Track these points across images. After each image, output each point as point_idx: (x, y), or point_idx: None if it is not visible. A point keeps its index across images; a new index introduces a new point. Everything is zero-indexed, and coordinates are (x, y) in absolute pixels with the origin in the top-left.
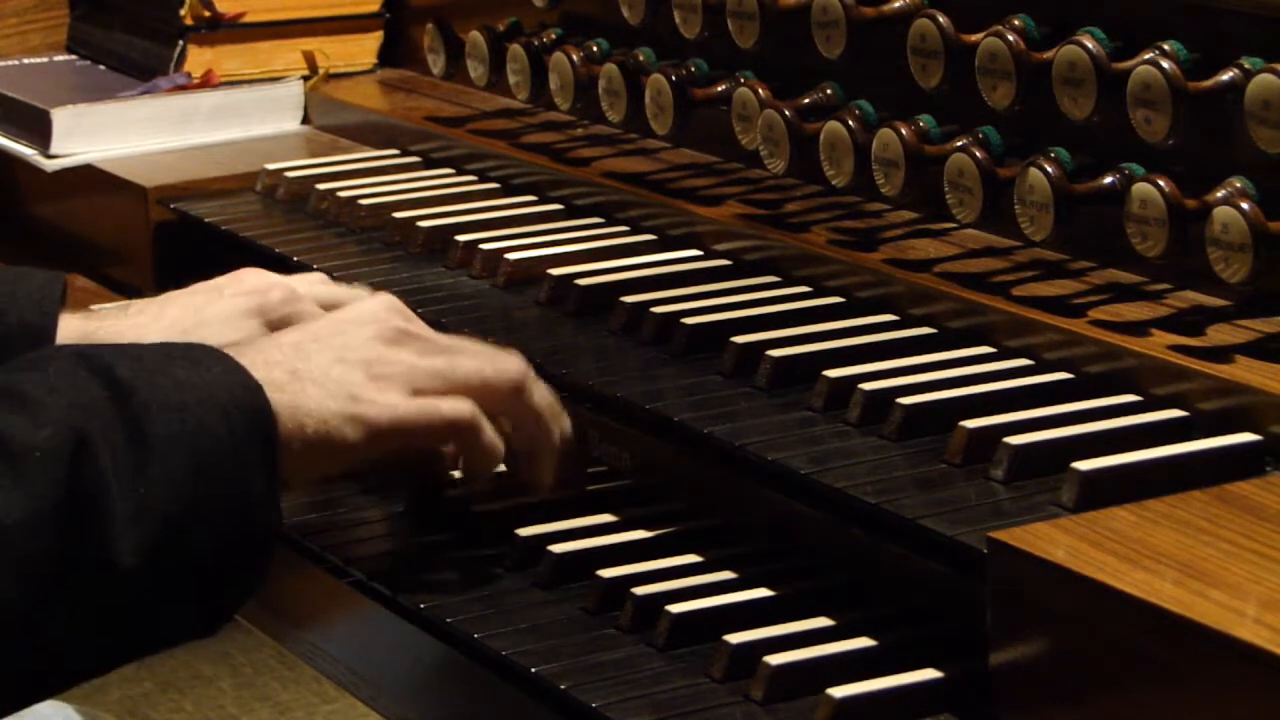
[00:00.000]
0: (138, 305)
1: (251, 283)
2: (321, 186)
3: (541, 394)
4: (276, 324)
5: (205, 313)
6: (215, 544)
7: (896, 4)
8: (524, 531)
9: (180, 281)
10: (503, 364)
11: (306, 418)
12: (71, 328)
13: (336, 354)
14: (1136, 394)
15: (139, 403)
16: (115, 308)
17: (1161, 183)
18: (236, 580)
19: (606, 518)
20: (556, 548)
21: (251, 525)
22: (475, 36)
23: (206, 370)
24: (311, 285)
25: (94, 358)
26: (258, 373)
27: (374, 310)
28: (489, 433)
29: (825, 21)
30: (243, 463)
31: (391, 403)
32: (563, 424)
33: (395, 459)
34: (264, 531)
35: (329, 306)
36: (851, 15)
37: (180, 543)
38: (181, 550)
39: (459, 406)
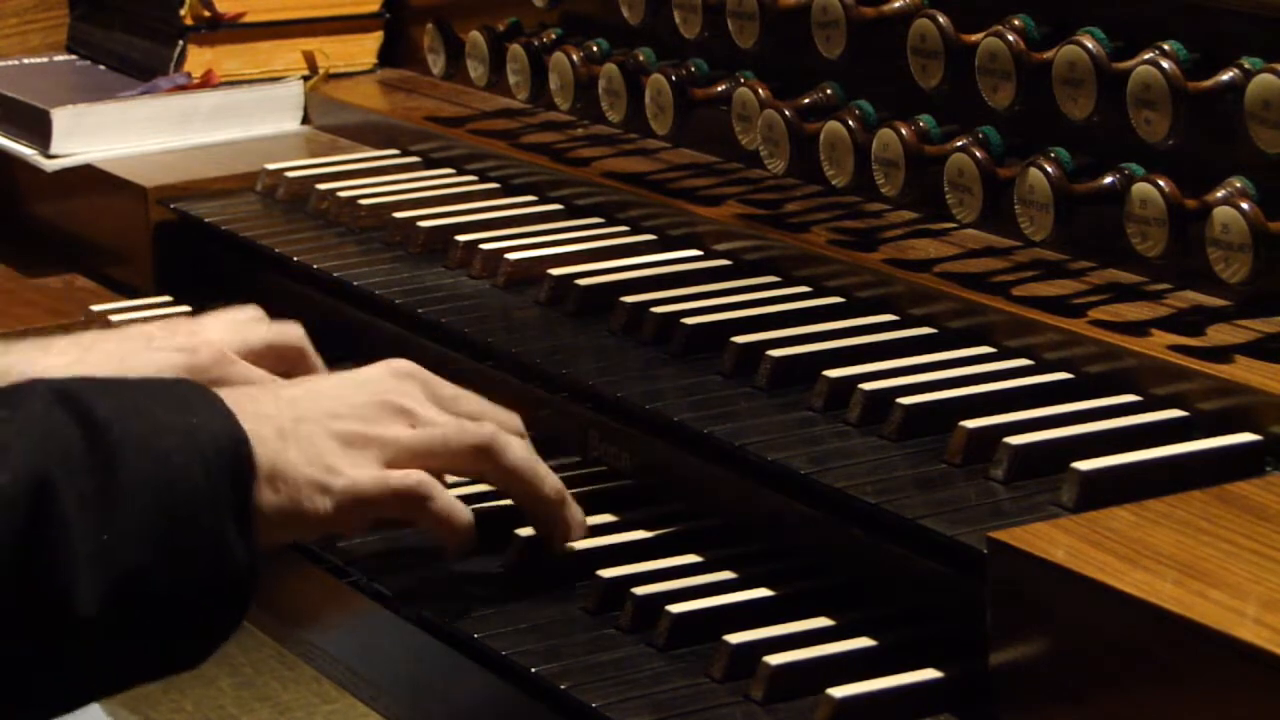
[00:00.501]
0: (60, 344)
1: (183, 337)
2: (321, 186)
3: (517, 454)
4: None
5: (129, 363)
6: (185, 589)
7: (896, 4)
8: (524, 532)
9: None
10: (468, 428)
11: (280, 480)
12: None
13: (325, 422)
14: (1136, 394)
15: (114, 444)
16: (36, 343)
17: (1161, 183)
18: (211, 623)
19: (606, 518)
20: None
21: (223, 573)
22: (475, 36)
23: (193, 414)
24: (243, 330)
25: (73, 396)
26: (247, 424)
27: (375, 378)
28: (440, 502)
29: (825, 21)
30: (218, 510)
31: (358, 476)
32: (547, 482)
33: (380, 525)
34: (237, 578)
35: (258, 359)
36: (851, 15)
37: (147, 586)
38: (149, 593)
39: (405, 478)
